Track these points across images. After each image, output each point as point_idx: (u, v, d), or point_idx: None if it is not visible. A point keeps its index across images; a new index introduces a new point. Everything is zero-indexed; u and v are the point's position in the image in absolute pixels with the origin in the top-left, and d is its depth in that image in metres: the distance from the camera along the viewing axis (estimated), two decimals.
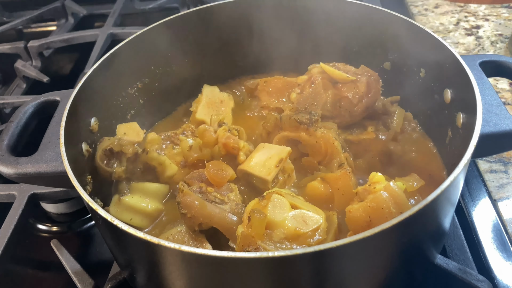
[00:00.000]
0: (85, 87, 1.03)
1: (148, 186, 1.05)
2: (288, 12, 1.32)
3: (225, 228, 0.91)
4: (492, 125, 0.89)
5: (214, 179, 0.97)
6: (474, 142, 0.80)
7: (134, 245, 0.78)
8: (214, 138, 1.04)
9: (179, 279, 0.79)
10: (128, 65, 1.19)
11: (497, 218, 1.08)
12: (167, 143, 1.20)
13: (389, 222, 0.66)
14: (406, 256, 0.82)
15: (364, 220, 0.84)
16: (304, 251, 0.64)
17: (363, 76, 1.16)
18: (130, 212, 1.02)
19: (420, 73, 1.15)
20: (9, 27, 2.10)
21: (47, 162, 0.93)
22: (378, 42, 1.24)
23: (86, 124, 1.06)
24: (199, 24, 1.29)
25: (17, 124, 1.01)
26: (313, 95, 1.17)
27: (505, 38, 1.65)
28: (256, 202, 0.92)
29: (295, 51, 1.39)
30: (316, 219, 0.88)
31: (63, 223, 1.28)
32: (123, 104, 1.21)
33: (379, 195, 0.84)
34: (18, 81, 1.81)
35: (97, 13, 2.25)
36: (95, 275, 1.03)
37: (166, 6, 2.17)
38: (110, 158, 1.04)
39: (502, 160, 1.20)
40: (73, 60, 2.04)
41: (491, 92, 0.95)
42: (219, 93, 1.32)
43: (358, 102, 1.15)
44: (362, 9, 1.23)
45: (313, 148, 1.09)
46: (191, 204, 0.91)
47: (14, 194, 1.21)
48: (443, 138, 1.08)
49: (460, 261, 1.01)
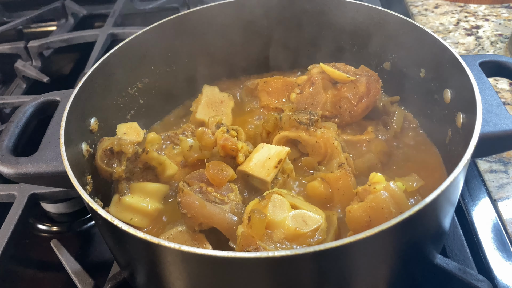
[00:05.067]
0: (85, 87, 1.03)
1: (148, 186, 1.05)
2: (288, 12, 1.32)
3: (225, 228, 0.91)
4: (492, 125, 0.89)
5: (214, 179, 0.97)
6: (474, 142, 0.80)
7: (134, 245, 0.78)
8: (212, 140, 1.04)
9: (179, 279, 0.79)
10: (128, 65, 1.19)
11: (497, 218, 1.08)
12: (167, 143, 1.20)
13: (389, 222, 0.66)
14: (406, 256, 0.82)
15: (364, 220, 0.85)
16: (304, 251, 0.64)
17: (363, 76, 1.16)
18: (130, 212, 1.02)
19: (420, 73, 1.15)
20: (9, 27, 2.10)
21: (47, 162, 0.93)
22: (378, 42, 1.24)
23: (86, 124, 1.06)
24: (199, 24, 1.29)
25: (17, 124, 1.01)
26: (313, 95, 1.17)
27: (505, 38, 1.65)
28: (256, 202, 0.92)
29: (295, 51, 1.39)
30: (316, 219, 0.88)
31: (63, 223, 1.28)
32: (123, 104, 1.21)
33: (379, 195, 0.84)
34: (18, 81, 1.81)
35: (97, 13, 2.25)
36: (95, 275, 1.03)
37: (166, 6, 2.17)
38: (110, 158, 1.04)
39: (502, 160, 1.20)
40: (73, 60, 2.04)
41: (491, 92, 0.95)
42: (219, 93, 1.32)
43: (358, 102, 1.15)
44: (362, 9, 1.23)
45: (313, 148, 1.09)
46: (191, 204, 0.91)
47: (14, 194, 1.21)
48: (443, 138, 1.08)
49: (460, 261, 1.01)
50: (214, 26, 1.31)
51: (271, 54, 1.40)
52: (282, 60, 1.41)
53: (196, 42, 1.32)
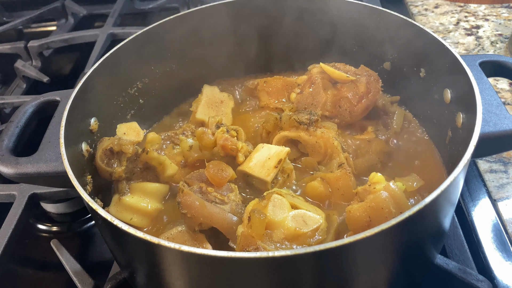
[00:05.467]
0: (85, 87, 1.03)
1: (148, 186, 1.05)
2: (288, 13, 1.32)
3: (225, 228, 0.91)
4: (492, 125, 0.89)
5: (214, 179, 0.97)
6: (474, 142, 0.80)
7: (134, 245, 0.78)
8: (212, 140, 1.04)
9: (179, 279, 0.79)
10: (128, 65, 1.19)
11: (497, 218, 1.08)
12: (167, 143, 1.20)
13: (389, 222, 0.67)
14: (406, 256, 0.82)
15: (364, 220, 0.85)
16: (304, 251, 0.64)
17: (362, 76, 1.16)
18: (130, 212, 1.02)
19: (420, 73, 1.15)
20: (9, 27, 2.10)
21: (47, 162, 0.93)
22: (378, 42, 1.24)
23: (86, 124, 1.06)
24: (199, 25, 1.29)
25: (17, 124, 1.01)
26: (313, 95, 1.17)
27: (505, 38, 1.65)
28: (256, 202, 0.92)
29: (295, 51, 1.39)
30: (316, 219, 0.88)
31: (63, 223, 1.28)
32: (123, 104, 1.21)
33: (379, 195, 0.84)
34: (18, 81, 1.81)
35: (97, 13, 2.25)
36: (95, 275, 1.03)
37: (166, 6, 2.17)
38: (110, 158, 1.04)
39: (502, 160, 1.20)
40: (73, 60, 2.04)
41: (491, 92, 0.95)
42: (219, 93, 1.32)
43: (358, 102, 1.15)
44: (362, 9, 1.23)
45: (313, 148, 1.09)
46: (191, 204, 0.91)
47: (14, 194, 1.21)
48: (443, 138, 1.08)
49: (460, 261, 1.01)
50: (214, 26, 1.31)
51: (271, 54, 1.40)
52: (282, 60, 1.41)
53: (196, 42, 1.32)
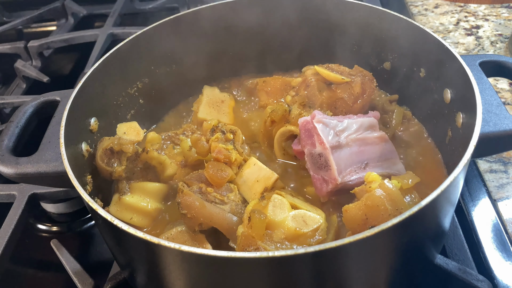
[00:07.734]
0: (85, 87, 1.03)
1: (148, 185, 1.05)
2: (288, 12, 1.32)
3: (225, 228, 0.91)
4: (492, 125, 0.89)
5: (214, 179, 0.97)
6: (474, 142, 0.80)
7: (134, 245, 0.78)
8: (206, 148, 1.03)
9: (179, 279, 0.79)
10: (128, 65, 1.19)
11: (497, 218, 1.08)
12: (167, 143, 1.20)
13: (389, 222, 0.67)
14: (406, 256, 0.82)
15: (361, 219, 0.85)
16: (305, 251, 0.64)
17: (357, 76, 1.16)
18: (130, 212, 1.02)
19: (420, 73, 1.15)
20: (9, 27, 2.10)
21: (47, 162, 0.93)
22: (378, 42, 1.24)
23: (86, 124, 1.06)
24: (199, 24, 1.29)
25: (17, 124, 1.01)
26: (309, 97, 1.16)
27: (505, 38, 1.65)
28: (256, 202, 0.92)
29: (295, 51, 1.39)
30: (316, 219, 0.88)
31: (63, 223, 1.28)
32: (123, 104, 1.21)
33: (374, 193, 0.85)
34: (18, 81, 1.81)
35: (97, 13, 2.25)
36: (95, 275, 1.03)
37: (166, 6, 2.16)
38: (110, 158, 1.04)
39: (502, 160, 1.20)
40: (73, 60, 2.04)
41: (491, 92, 0.95)
42: (220, 93, 1.32)
43: (354, 103, 1.15)
44: (362, 9, 1.23)
45: None
46: (191, 205, 0.91)
47: (14, 194, 1.21)
48: (443, 138, 1.08)
49: (460, 261, 1.01)
50: (214, 26, 1.31)
51: (271, 54, 1.40)
52: (281, 60, 1.41)
53: (196, 42, 1.32)
